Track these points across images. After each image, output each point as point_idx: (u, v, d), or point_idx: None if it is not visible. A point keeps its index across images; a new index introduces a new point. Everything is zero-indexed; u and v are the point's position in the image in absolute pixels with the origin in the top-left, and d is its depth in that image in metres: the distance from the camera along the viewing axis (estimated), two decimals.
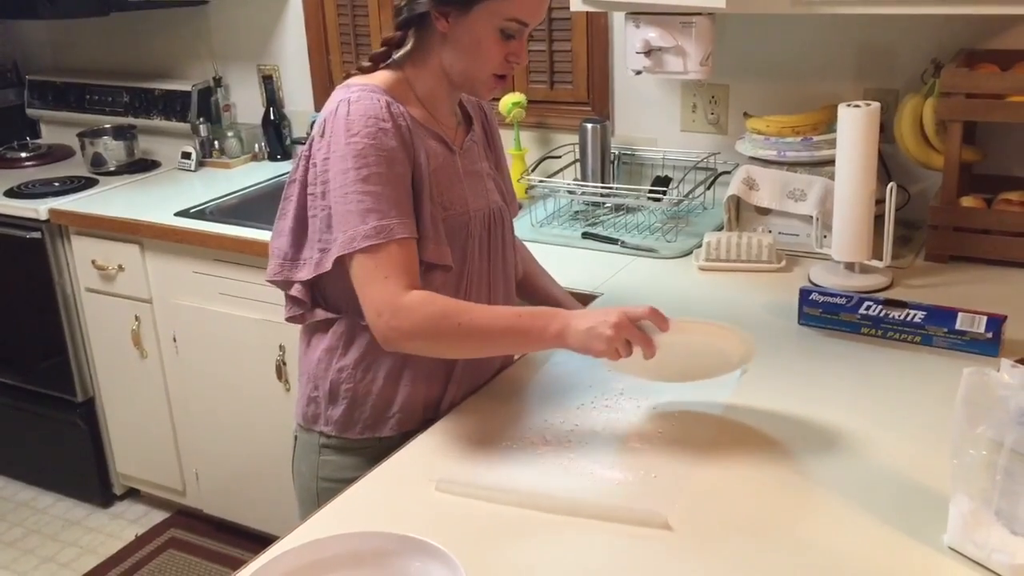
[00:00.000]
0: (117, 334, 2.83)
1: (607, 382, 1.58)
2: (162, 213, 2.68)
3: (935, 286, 1.92)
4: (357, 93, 1.40)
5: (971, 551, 1.13)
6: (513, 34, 1.41)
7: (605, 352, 1.33)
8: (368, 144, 1.36)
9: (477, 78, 1.44)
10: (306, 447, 1.57)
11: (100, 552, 2.92)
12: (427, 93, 1.47)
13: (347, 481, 1.38)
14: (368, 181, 1.36)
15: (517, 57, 1.44)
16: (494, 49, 1.41)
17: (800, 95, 2.31)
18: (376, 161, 1.36)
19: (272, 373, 2.54)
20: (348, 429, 1.52)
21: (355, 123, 1.37)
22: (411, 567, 1.03)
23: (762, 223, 2.15)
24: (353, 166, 1.36)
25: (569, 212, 2.44)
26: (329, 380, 1.51)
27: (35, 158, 3.34)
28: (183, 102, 3.20)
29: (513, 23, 1.40)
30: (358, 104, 1.38)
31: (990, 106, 1.93)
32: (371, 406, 1.51)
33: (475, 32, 1.40)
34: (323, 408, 1.53)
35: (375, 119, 1.37)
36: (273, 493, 2.62)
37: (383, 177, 1.36)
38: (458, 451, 1.41)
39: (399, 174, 1.38)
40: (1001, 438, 1.07)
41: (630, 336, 1.33)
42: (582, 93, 2.64)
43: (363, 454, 1.51)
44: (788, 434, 1.42)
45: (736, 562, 1.16)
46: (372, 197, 1.36)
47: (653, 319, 1.36)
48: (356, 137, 1.36)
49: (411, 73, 1.47)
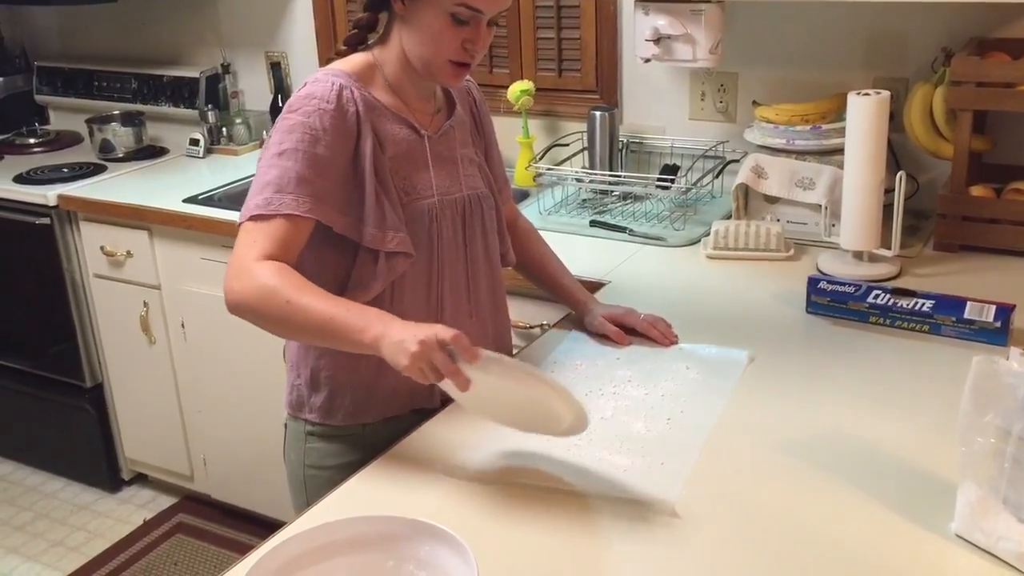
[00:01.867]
0: (126, 320, 2.84)
1: (614, 369, 1.58)
2: (170, 199, 2.68)
3: (944, 275, 1.92)
4: (317, 75, 1.43)
5: (978, 539, 1.13)
6: (466, 20, 1.38)
7: (409, 368, 1.22)
8: (299, 121, 1.38)
9: (432, 63, 1.42)
10: (294, 435, 1.58)
11: (109, 536, 2.94)
12: (395, 77, 1.47)
13: (333, 468, 1.40)
14: (282, 156, 1.37)
15: (473, 44, 1.41)
16: (447, 34, 1.39)
17: (809, 83, 2.30)
18: (299, 138, 1.37)
19: (279, 359, 2.53)
20: (331, 416, 1.52)
21: (296, 101, 1.39)
22: (420, 551, 1.04)
23: (770, 212, 2.14)
24: (276, 140, 1.38)
25: (577, 200, 2.43)
26: (310, 367, 1.51)
27: (44, 144, 3.35)
28: (191, 89, 3.20)
29: (463, 8, 1.37)
30: (312, 85, 1.41)
31: (1000, 95, 1.93)
32: (352, 392, 1.50)
33: (427, 17, 1.39)
34: (306, 395, 1.53)
35: (317, 99, 1.38)
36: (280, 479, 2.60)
37: (298, 154, 1.36)
38: (466, 437, 1.41)
39: (319, 154, 1.37)
40: (1009, 426, 1.07)
41: (435, 359, 1.21)
42: (590, 81, 2.63)
43: (348, 441, 1.51)
44: (795, 422, 1.42)
45: (743, 549, 1.16)
46: (278, 170, 1.36)
47: (458, 346, 1.21)
48: (292, 114, 1.39)
49: (379, 56, 1.47)
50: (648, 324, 1.68)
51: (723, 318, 1.79)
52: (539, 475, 1.30)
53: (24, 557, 2.88)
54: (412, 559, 1.04)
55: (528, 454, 1.36)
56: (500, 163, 1.68)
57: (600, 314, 1.70)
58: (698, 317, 1.79)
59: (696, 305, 1.86)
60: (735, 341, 1.65)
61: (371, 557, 1.05)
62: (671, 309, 1.77)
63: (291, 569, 1.02)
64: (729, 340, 1.66)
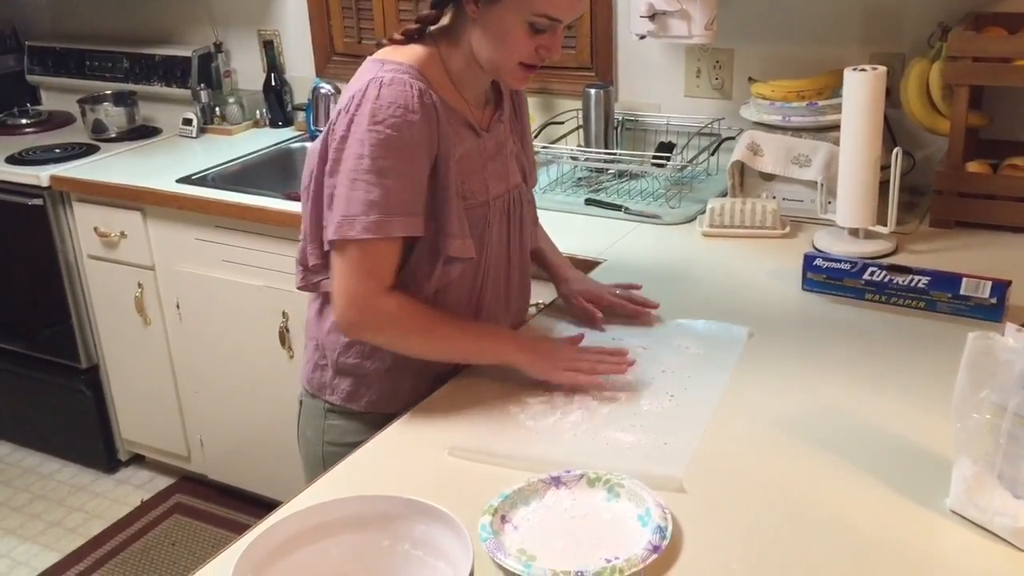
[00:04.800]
0: (120, 301, 2.83)
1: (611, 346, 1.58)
2: (164, 180, 2.67)
3: (940, 252, 1.91)
4: (391, 74, 1.36)
5: (973, 514, 1.13)
6: (543, 29, 1.36)
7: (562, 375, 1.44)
8: (390, 135, 1.33)
9: (503, 67, 1.40)
10: (311, 412, 1.57)
11: (106, 517, 2.94)
12: (459, 73, 1.43)
13: (353, 445, 1.39)
14: (382, 173, 1.33)
15: (548, 51, 1.39)
16: (523, 41, 1.36)
17: (805, 59, 2.29)
18: (396, 154, 1.33)
19: (275, 339, 2.54)
20: (353, 401, 1.52)
21: (382, 110, 1.33)
22: (416, 531, 1.03)
23: (766, 189, 2.14)
24: (369, 154, 1.33)
25: (572, 179, 2.43)
26: (337, 352, 1.50)
27: (36, 125, 3.33)
28: (183, 68, 3.17)
29: (543, 19, 1.35)
30: (390, 88, 1.34)
31: (997, 70, 1.92)
32: (378, 385, 1.50)
33: (503, 22, 1.35)
34: (329, 378, 1.53)
35: (404, 108, 1.33)
36: (277, 458, 2.63)
37: (398, 172, 1.34)
38: (466, 416, 1.41)
39: (416, 171, 1.36)
40: (1005, 402, 1.07)
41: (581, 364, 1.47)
42: (585, 58, 2.62)
43: (369, 420, 1.50)
44: (790, 399, 1.42)
45: (746, 524, 1.16)
46: (381, 190, 1.33)
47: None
48: (380, 126, 1.32)
49: (445, 50, 1.43)
50: (621, 300, 1.65)
51: (719, 296, 1.78)
52: (544, 455, 1.30)
53: (21, 538, 2.88)
54: (408, 538, 1.04)
55: (532, 433, 1.36)
56: (531, 145, 1.65)
57: (574, 288, 1.68)
58: (694, 295, 1.79)
59: (692, 283, 1.85)
60: (731, 319, 1.65)
61: (367, 536, 1.05)
62: (667, 287, 1.77)
63: (287, 549, 1.02)
64: (725, 318, 1.65)
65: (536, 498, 1.20)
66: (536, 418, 1.39)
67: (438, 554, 1.01)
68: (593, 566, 1.07)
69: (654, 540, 1.10)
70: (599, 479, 1.22)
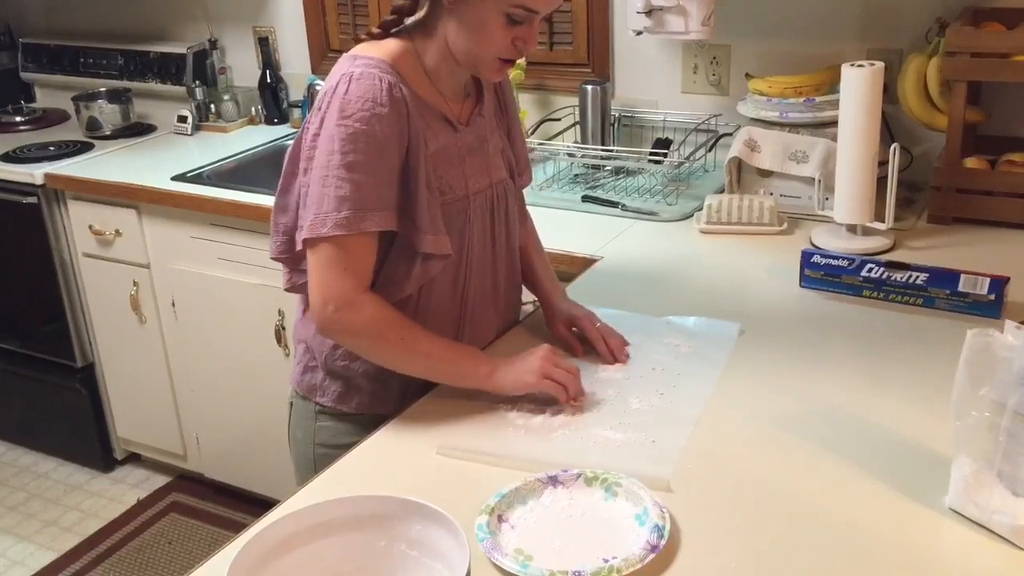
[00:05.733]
0: (116, 299, 2.82)
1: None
2: (159, 177, 2.66)
3: (938, 248, 1.91)
4: (361, 68, 1.35)
5: (972, 512, 1.13)
6: (520, 20, 1.35)
7: (538, 384, 1.39)
8: (360, 130, 1.32)
9: (480, 59, 1.38)
10: (302, 413, 1.56)
11: (102, 516, 2.94)
12: (434, 66, 1.42)
13: (344, 446, 1.38)
14: (352, 168, 1.32)
15: (525, 44, 1.37)
16: (499, 33, 1.35)
17: (803, 55, 2.28)
18: (365, 148, 1.32)
19: (271, 338, 2.53)
20: (344, 403, 1.51)
21: (350, 104, 1.32)
22: (411, 530, 1.03)
23: (763, 185, 2.13)
24: (339, 149, 1.32)
25: (569, 175, 2.42)
26: (326, 354, 1.49)
27: (30, 122, 3.32)
28: (178, 65, 3.16)
29: (520, 10, 1.33)
30: (359, 83, 1.33)
31: (995, 65, 1.91)
32: (368, 386, 1.49)
33: (480, 13, 1.34)
34: (320, 380, 1.52)
35: (372, 102, 1.32)
36: (273, 457, 2.61)
37: (368, 166, 1.32)
38: (457, 416, 1.40)
39: (387, 165, 1.34)
40: (1004, 400, 1.07)
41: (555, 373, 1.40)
42: (582, 54, 2.61)
43: (360, 422, 1.50)
44: (788, 396, 1.41)
45: (737, 524, 1.16)
46: (352, 185, 1.32)
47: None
48: (349, 120, 1.31)
49: (420, 43, 1.41)
50: (598, 336, 1.55)
51: (716, 293, 1.78)
52: (532, 453, 1.30)
53: (18, 537, 2.88)
54: (403, 538, 1.03)
55: (521, 432, 1.35)
56: (522, 141, 1.63)
57: (560, 313, 1.60)
58: (691, 292, 1.78)
59: (689, 280, 1.85)
60: (728, 316, 1.64)
61: (363, 536, 1.04)
62: (664, 284, 1.77)
63: (283, 548, 1.01)
64: (722, 315, 1.65)
65: (533, 497, 1.20)
66: (526, 416, 1.38)
67: (435, 554, 1.01)
68: (590, 566, 1.07)
69: (652, 539, 1.10)
70: (596, 478, 1.21)
